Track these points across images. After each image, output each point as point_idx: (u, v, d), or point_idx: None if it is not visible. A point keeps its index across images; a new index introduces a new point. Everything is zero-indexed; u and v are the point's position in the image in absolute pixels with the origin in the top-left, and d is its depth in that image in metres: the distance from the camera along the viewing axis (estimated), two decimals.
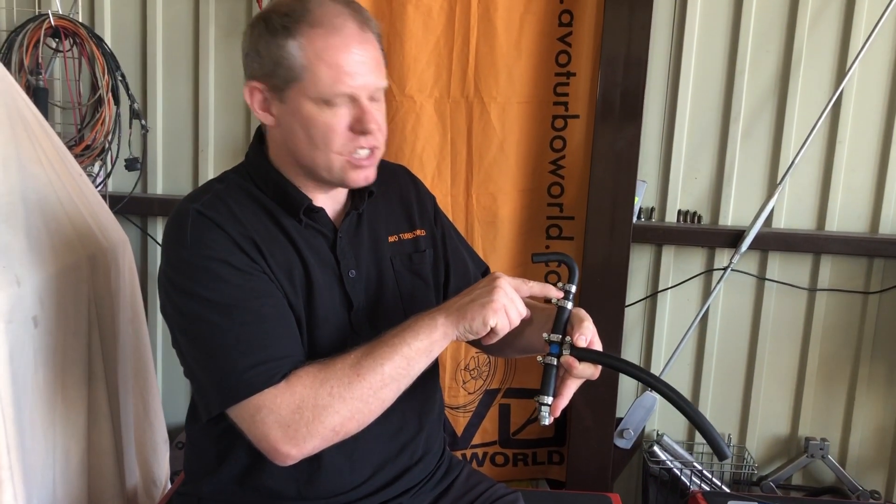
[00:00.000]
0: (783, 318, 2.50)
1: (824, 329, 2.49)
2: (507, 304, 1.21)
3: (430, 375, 1.40)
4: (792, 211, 2.45)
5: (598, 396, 2.28)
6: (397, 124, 2.25)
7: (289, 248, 1.30)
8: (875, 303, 2.46)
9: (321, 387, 1.17)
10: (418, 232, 1.48)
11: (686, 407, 1.17)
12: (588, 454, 2.33)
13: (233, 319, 1.20)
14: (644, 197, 2.45)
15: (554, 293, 1.25)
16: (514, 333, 1.28)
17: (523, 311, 1.24)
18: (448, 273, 1.50)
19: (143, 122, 2.48)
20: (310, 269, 1.30)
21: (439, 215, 1.55)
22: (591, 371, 1.21)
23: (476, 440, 2.47)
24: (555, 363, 1.21)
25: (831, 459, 2.52)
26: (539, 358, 1.24)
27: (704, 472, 2.49)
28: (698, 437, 2.58)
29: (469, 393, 2.43)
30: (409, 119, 2.25)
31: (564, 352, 1.20)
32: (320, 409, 1.17)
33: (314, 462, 1.28)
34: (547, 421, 1.21)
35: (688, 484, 2.47)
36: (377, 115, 1.29)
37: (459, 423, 2.45)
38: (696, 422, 1.17)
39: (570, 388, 1.22)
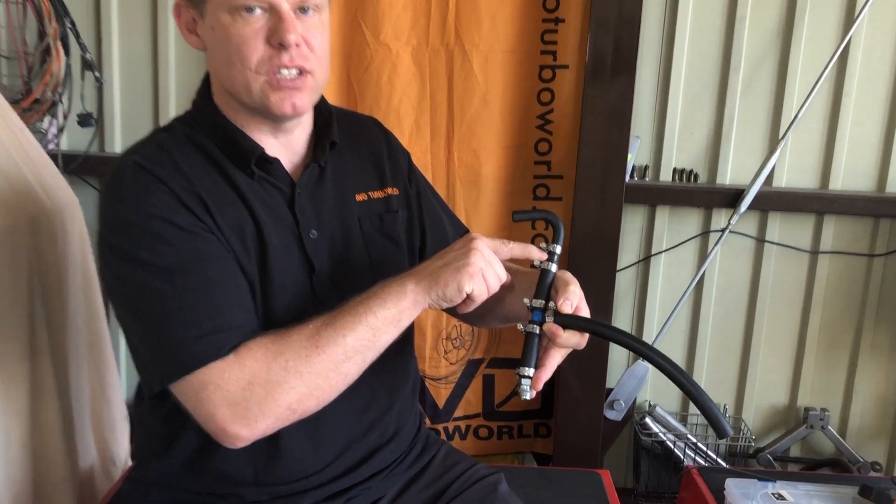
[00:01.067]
0: (783, 283, 2.43)
1: (826, 294, 2.42)
2: (485, 268, 1.11)
3: (403, 345, 1.31)
4: (794, 168, 2.36)
5: (587, 366, 2.20)
6: (371, 75, 2.12)
7: (239, 204, 1.18)
8: (880, 266, 2.39)
9: (275, 360, 1.06)
10: (390, 190, 1.36)
11: (682, 378, 1.07)
12: (576, 427, 2.27)
13: (175, 285, 1.08)
14: (637, 154, 2.35)
15: (537, 255, 1.16)
16: (494, 300, 1.18)
17: (503, 276, 1.14)
18: (424, 237, 1.40)
19: (98, 74, 2.33)
20: (263, 229, 1.18)
21: (414, 173, 1.44)
22: (576, 340, 1.12)
23: (459, 412, 2.40)
24: (537, 331, 1.13)
25: (832, 430, 2.47)
26: (520, 326, 1.15)
27: (699, 444, 2.43)
28: (692, 409, 2.51)
29: (451, 363, 2.35)
30: (385, 69, 2.12)
31: (548, 319, 1.12)
32: (274, 385, 1.06)
33: (272, 443, 1.18)
34: (528, 395, 1.12)
35: (681, 457, 2.41)
36: (310, 32, 1.16)
37: (441, 394, 2.38)
38: (693, 395, 1.08)
39: (554, 358, 1.13)
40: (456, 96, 2.15)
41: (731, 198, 2.30)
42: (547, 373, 1.12)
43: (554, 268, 1.15)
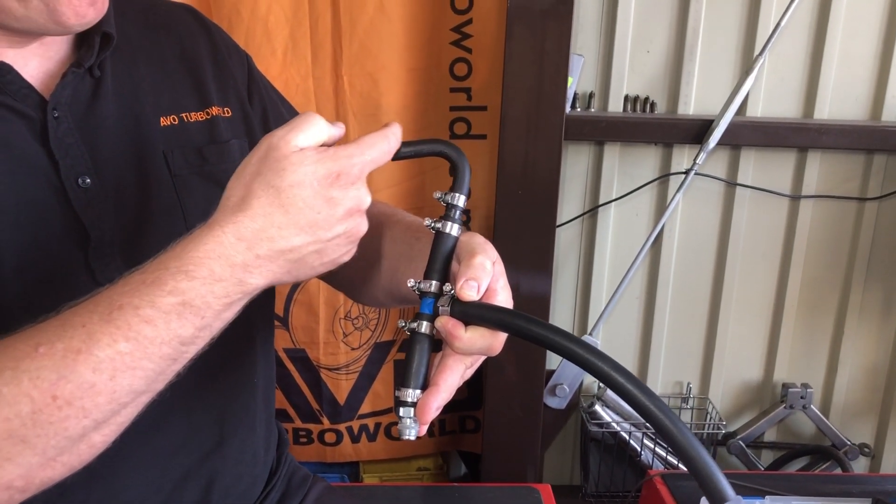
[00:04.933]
0: (758, 235, 2.22)
1: (809, 247, 2.22)
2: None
3: (248, 335, 0.96)
4: (772, 94, 2.12)
5: (523, 344, 1.87)
6: None
7: None
8: (872, 212, 2.18)
9: None
10: (216, 110, 0.97)
11: (650, 406, 0.68)
12: (511, 418, 2.04)
13: None
14: (580, 77, 2.07)
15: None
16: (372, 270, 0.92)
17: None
18: None
19: None
20: None
21: (257, 84, 1.05)
22: (484, 342, 0.74)
23: (365, 408, 2.10)
24: (425, 331, 0.76)
25: (815, 410, 2.26)
26: (401, 323, 0.78)
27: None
28: None
29: (353, 348, 2.03)
30: None
31: (442, 310, 0.75)
32: None
33: None
34: (410, 434, 0.76)
35: (638, 449, 2.17)
36: None
37: (342, 387, 2.07)
38: (668, 434, 0.69)
39: (453, 372, 0.75)
40: (343, 1, 1.80)
41: (697, 131, 2.06)
42: (439, 396, 0.74)
43: (455, 229, 0.78)
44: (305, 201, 0.69)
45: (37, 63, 0.84)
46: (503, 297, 0.76)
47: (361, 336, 2.02)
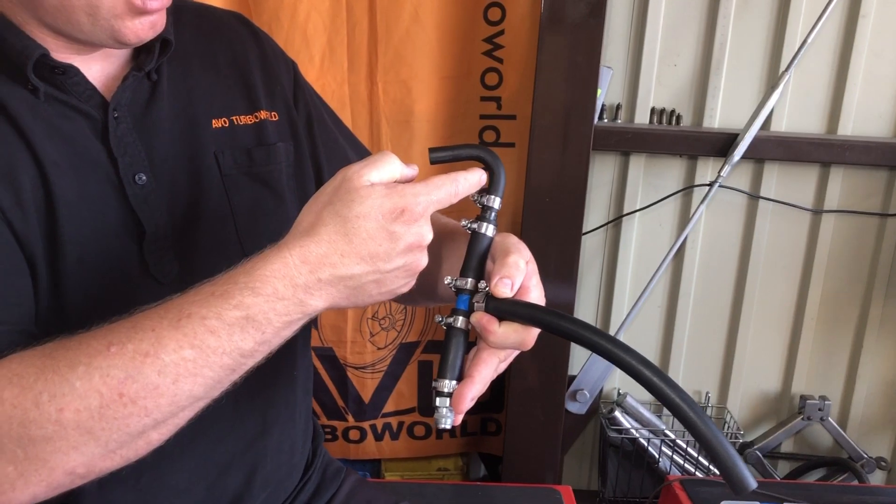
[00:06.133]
0: (780, 248, 2.20)
1: (830, 260, 2.20)
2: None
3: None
4: (797, 109, 2.10)
5: (545, 348, 1.96)
6: None
7: (8, 136, 0.79)
8: (894, 228, 2.16)
9: (39, 406, 0.68)
10: (264, 114, 1.00)
11: (675, 399, 0.71)
12: (531, 422, 2.03)
13: None
14: (608, 89, 2.06)
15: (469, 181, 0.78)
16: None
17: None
18: (321, 180, 1.05)
19: None
20: (50, 173, 0.80)
21: (303, 90, 1.07)
22: (517, 337, 0.77)
23: (389, 407, 2.10)
24: (462, 325, 0.79)
25: (832, 422, 2.24)
26: (438, 317, 0.82)
27: (677, 441, 2.17)
28: None
29: (379, 348, 2.04)
30: None
31: (477, 306, 0.79)
32: (41, 442, 0.68)
33: (71, 495, 0.79)
34: (446, 423, 0.78)
35: (656, 456, 2.16)
36: None
37: (367, 386, 2.07)
38: (692, 423, 0.71)
39: (487, 365, 0.79)
40: (380, 10, 1.80)
41: (721, 145, 2.04)
42: (474, 387, 0.77)
43: (490, 230, 0.81)
44: (369, 232, 0.71)
45: (100, 67, 0.87)
46: (536, 295, 0.79)
47: (387, 336, 2.03)
